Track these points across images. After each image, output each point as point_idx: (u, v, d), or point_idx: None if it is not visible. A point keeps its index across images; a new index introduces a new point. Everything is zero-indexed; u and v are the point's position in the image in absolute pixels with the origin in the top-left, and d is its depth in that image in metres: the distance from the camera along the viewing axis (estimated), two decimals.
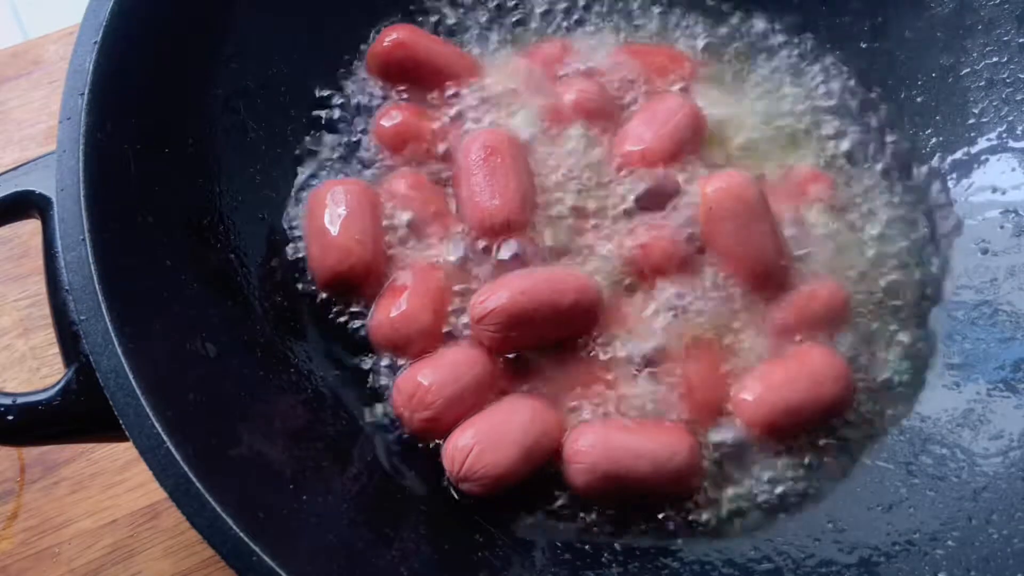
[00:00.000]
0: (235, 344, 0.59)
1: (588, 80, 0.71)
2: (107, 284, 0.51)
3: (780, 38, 0.74)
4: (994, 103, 0.67)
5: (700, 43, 0.74)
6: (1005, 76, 0.67)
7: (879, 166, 0.70)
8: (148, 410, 0.49)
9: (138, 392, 0.49)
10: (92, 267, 0.51)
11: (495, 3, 0.74)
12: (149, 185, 0.57)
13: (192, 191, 0.61)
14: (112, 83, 0.56)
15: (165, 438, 0.48)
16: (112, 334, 0.49)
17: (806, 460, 0.61)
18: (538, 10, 0.74)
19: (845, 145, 0.71)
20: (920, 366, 0.64)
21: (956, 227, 0.68)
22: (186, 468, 0.48)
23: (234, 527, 0.47)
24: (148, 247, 0.56)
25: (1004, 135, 0.67)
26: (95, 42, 0.56)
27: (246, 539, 0.47)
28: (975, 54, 0.68)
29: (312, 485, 0.55)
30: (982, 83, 0.68)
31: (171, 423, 0.49)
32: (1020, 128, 0.66)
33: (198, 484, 0.48)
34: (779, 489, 0.60)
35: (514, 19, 0.74)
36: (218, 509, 0.47)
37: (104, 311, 0.50)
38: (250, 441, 0.55)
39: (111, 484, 0.73)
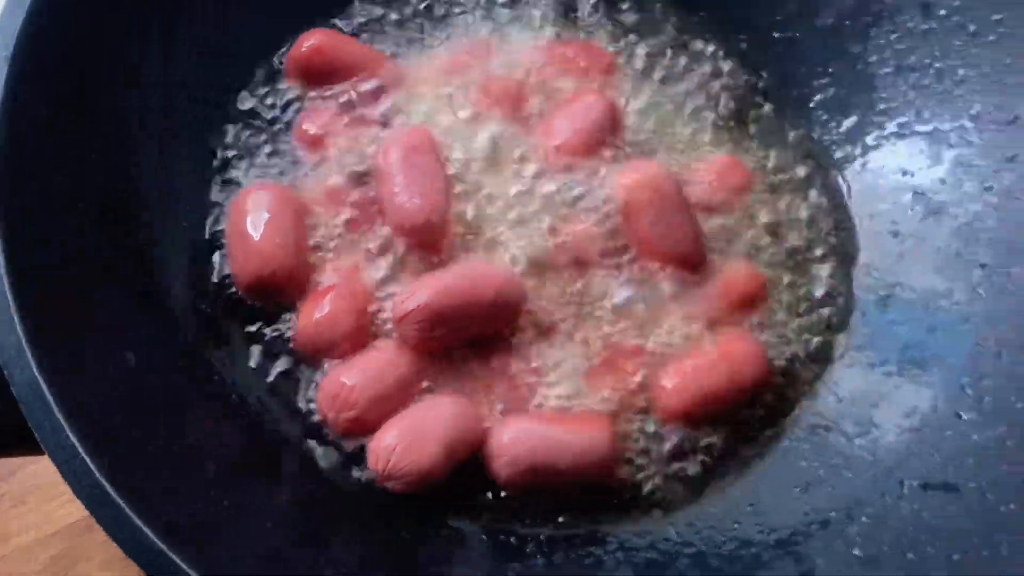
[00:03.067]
0: (156, 353, 0.59)
1: (507, 77, 0.71)
2: (20, 293, 0.51)
3: (694, 32, 0.75)
4: (901, 89, 0.69)
5: (618, 38, 0.74)
6: (911, 62, 0.68)
7: (793, 153, 0.71)
8: (63, 422, 0.49)
9: (53, 404, 0.49)
10: (4, 278, 0.51)
11: (413, 4, 0.74)
12: (65, 192, 0.57)
13: (109, 197, 0.61)
14: (26, 87, 0.55)
15: (80, 450, 0.48)
16: (25, 345, 0.49)
17: (725, 445, 0.62)
18: (456, 9, 0.74)
19: (759, 133, 0.72)
20: (831, 348, 0.66)
21: (868, 211, 0.69)
22: (102, 479, 0.48)
23: (153, 538, 0.47)
24: (64, 257, 0.56)
25: (912, 119, 0.68)
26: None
27: (166, 550, 0.47)
28: (882, 41, 0.69)
29: (238, 492, 0.55)
30: (890, 70, 0.69)
31: (87, 434, 0.49)
32: (926, 112, 0.67)
33: (115, 495, 0.48)
34: (700, 474, 0.61)
35: (434, 16, 0.74)
36: (136, 520, 0.48)
37: (17, 321, 0.50)
38: (172, 450, 0.55)
39: (50, 497, 0.73)
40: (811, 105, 0.72)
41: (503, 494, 0.60)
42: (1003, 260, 0.62)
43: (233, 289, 0.65)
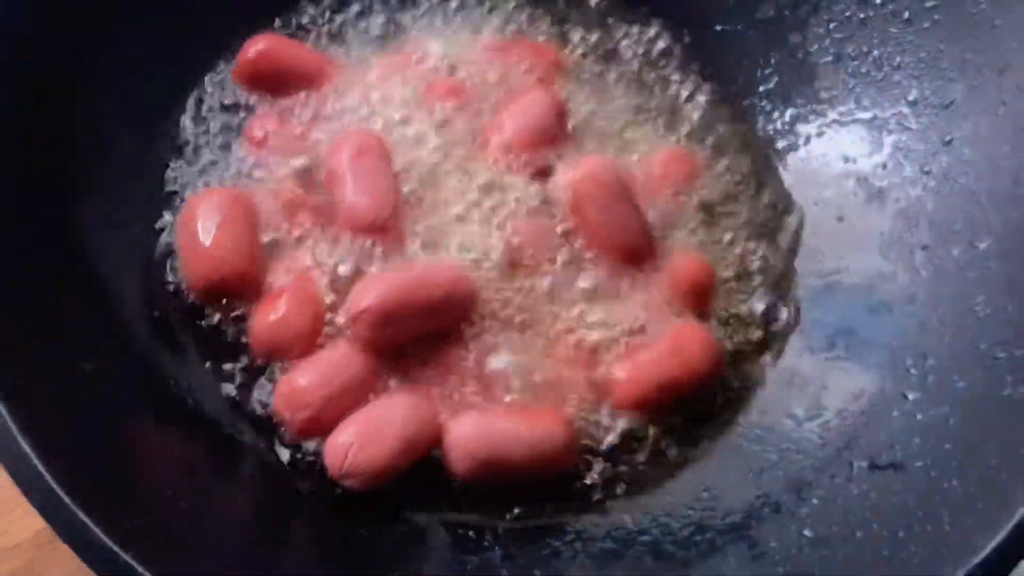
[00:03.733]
0: (110, 360, 0.59)
1: (453, 76, 0.72)
2: None
3: (637, 25, 0.76)
4: (841, 77, 0.70)
5: (562, 34, 0.75)
6: (850, 51, 0.69)
7: (737, 143, 0.73)
8: (16, 433, 0.49)
9: (5, 414, 0.49)
10: None
11: (358, 5, 0.75)
12: (11, 204, 0.57)
13: (56, 207, 0.61)
14: None
15: (34, 459, 0.49)
16: None
17: (679, 433, 0.63)
18: (402, 10, 0.75)
19: (703, 125, 0.73)
20: (779, 334, 0.67)
21: (812, 197, 0.70)
22: (57, 488, 0.49)
23: (111, 545, 0.48)
24: (11, 265, 0.56)
25: (853, 106, 0.69)
26: None
27: (125, 557, 0.47)
28: (820, 31, 0.70)
29: (195, 496, 0.55)
30: (829, 59, 0.70)
31: (42, 444, 0.50)
32: (866, 100, 0.68)
33: (71, 504, 0.48)
34: (654, 463, 0.62)
35: (379, 17, 0.75)
36: (94, 528, 0.48)
37: None
38: (128, 456, 0.56)
39: (12, 508, 0.72)
40: (754, 96, 0.73)
41: (460, 487, 0.60)
42: (943, 241, 0.63)
43: (186, 294, 0.64)
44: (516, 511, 0.61)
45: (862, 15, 0.68)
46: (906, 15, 0.66)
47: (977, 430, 0.55)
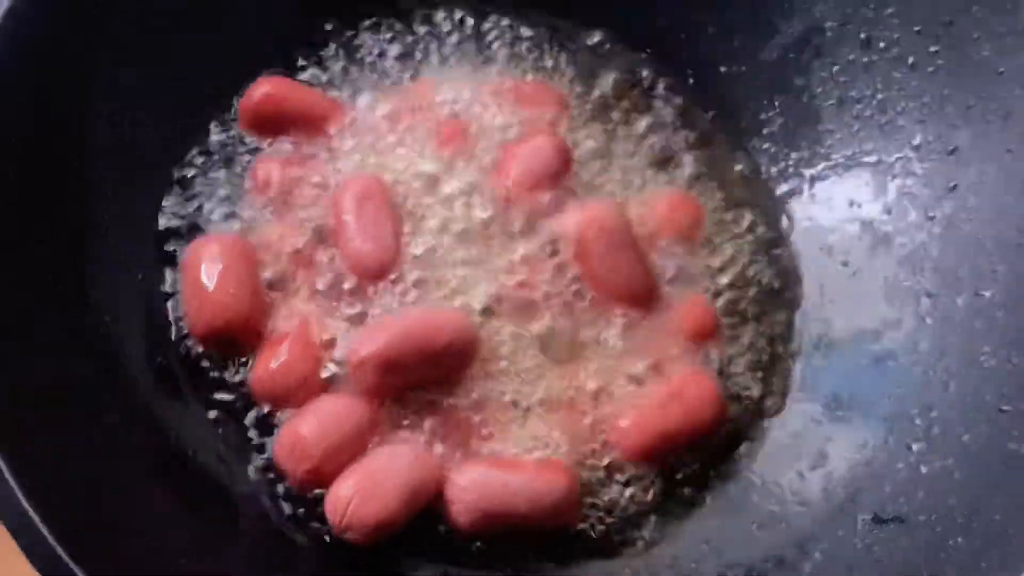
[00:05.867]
0: (111, 408, 0.59)
1: (457, 119, 0.72)
2: None
3: (642, 68, 0.75)
4: (846, 120, 0.69)
5: (567, 77, 0.75)
6: (853, 94, 0.69)
7: (743, 186, 0.72)
8: (13, 484, 0.49)
9: (5, 470, 0.49)
10: None
11: (361, 49, 0.75)
12: (16, 249, 0.58)
13: (60, 255, 0.61)
14: None
15: (28, 508, 0.49)
16: None
17: (681, 484, 0.63)
18: (408, 52, 0.75)
19: (709, 168, 0.73)
20: (782, 382, 0.66)
21: (817, 242, 0.70)
22: (52, 541, 0.48)
23: None
24: (10, 314, 0.56)
25: (857, 150, 0.69)
26: None
27: None
28: (825, 74, 0.70)
29: (196, 547, 0.56)
30: (833, 102, 0.70)
31: (36, 493, 0.50)
32: (870, 143, 0.68)
33: (67, 559, 0.48)
34: (657, 515, 0.62)
35: (386, 59, 0.75)
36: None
37: None
38: (127, 508, 0.55)
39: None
40: (759, 138, 0.73)
41: (461, 539, 0.60)
42: (949, 289, 0.63)
43: (189, 341, 0.64)
44: (519, 563, 0.60)
45: (865, 59, 0.68)
46: (910, 60, 0.66)
47: (982, 485, 0.55)
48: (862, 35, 0.68)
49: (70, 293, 0.62)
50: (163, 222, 0.68)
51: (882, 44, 0.67)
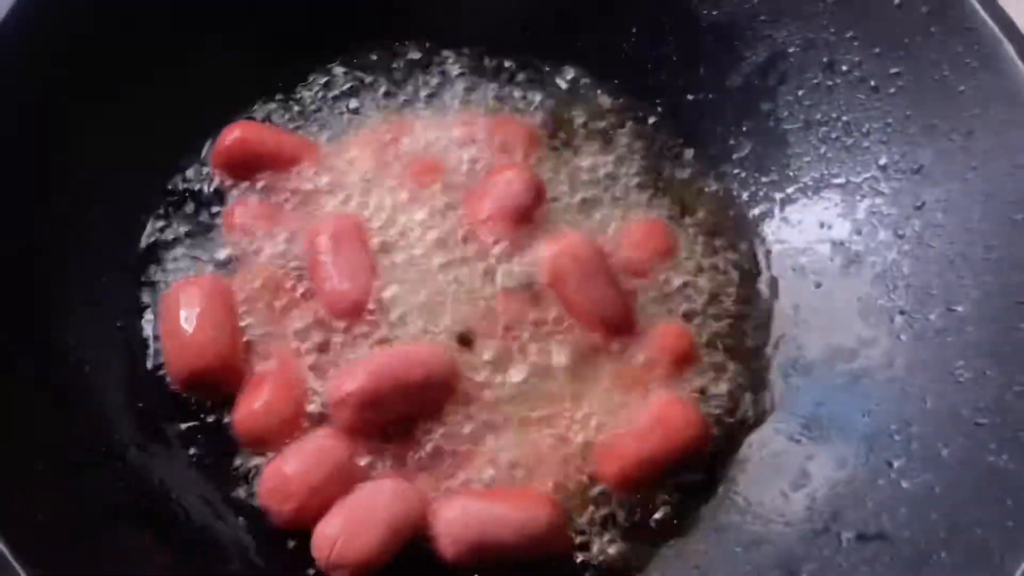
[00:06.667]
0: (93, 458, 0.59)
1: (430, 155, 0.72)
2: None
3: (610, 98, 0.76)
4: (812, 143, 0.70)
5: (538, 112, 0.76)
6: (819, 117, 0.70)
7: (715, 211, 0.73)
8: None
9: None
10: None
11: (333, 88, 0.76)
12: None
13: (35, 295, 0.61)
14: None
15: (5, 550, 0.49)
16: None
17: (665, 509, 0.63)
18: (378, 89, 0.76)
19: (680, 195, 0.73)
20: (761, 404, 0.67)
21: (790, 264, 0.70)
22: None
23: None
24: None
25: (824, 172, 0.70)
26: None
27: None
28: (790, 98, 0.71)
29: None
30: (799, 125, 0.71)
31: (15, 538, 0.50)
32: (837, 165, 0.69)
33: None
34: (642, 540, 0.62)
35: (351, 105, 0.75)
36: None
37: None
38: (111, 551, 0.55)
39: None
40: (729, 164, 0.74)
41: (449, 572, 0.60)
42: (921, 306, 0.63)
43: (170, 384, 0.64)
44: None
45: (829, 83, 0.69)
46: (872, 82, 0.67)
47: (962, 499, 0.56)
48: (824, 59, 0.69)
49: (46, 340, 0.61)
50: (139, 264, 0.68)
51: (844, 67, 0.68)
